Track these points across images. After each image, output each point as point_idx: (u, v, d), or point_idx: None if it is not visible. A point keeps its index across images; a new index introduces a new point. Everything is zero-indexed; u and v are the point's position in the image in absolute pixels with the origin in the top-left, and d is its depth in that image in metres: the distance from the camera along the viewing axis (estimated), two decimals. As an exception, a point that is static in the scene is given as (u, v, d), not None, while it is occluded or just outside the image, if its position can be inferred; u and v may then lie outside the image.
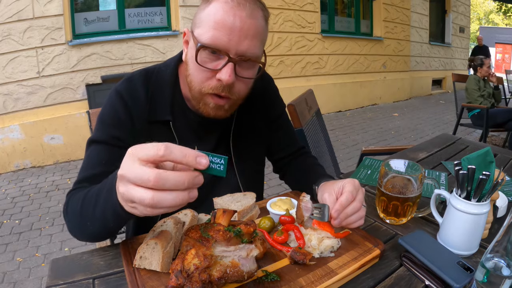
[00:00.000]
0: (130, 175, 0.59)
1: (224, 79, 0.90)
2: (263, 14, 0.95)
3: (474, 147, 1.80)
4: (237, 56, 0.90)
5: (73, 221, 0.92)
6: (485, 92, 4.90)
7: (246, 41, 0.89)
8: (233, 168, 1.17)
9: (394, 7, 8.91)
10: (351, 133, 6.17)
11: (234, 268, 0.66)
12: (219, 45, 0.88)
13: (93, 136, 1.03)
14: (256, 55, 0.94)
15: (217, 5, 0.89)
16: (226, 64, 0.90)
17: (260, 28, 0.92)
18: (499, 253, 0.66)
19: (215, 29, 0.88)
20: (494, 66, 17.28)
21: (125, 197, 0.63)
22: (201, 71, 0.93)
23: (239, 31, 0.88)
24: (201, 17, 0.92)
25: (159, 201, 0.58)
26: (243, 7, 0.88)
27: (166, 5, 5.60)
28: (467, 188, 0.87)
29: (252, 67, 0.97)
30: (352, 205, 0.86)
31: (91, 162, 1.00)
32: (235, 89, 0.95)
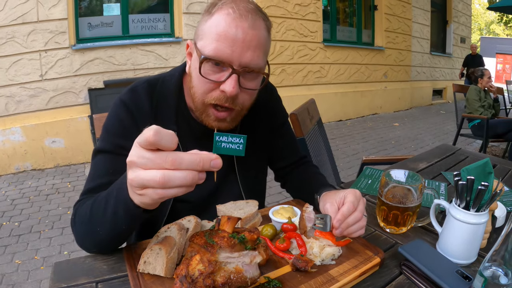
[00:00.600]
0: (143, 159, 0.60)
1: (228, 90, 0.90)
2: (265, 25, 0.94)
3: (474, 158, 1.82)
4: (241, 68, 0.90)
5: (82, 230, 0.92)
6: (486, 102, 4.92)
7: (249, 52, 0.90)
8: (236, 176, 1.17)
9: (396, 17, 8.97)
10: (351, 142, 6.18)
11: (237, 274, 0.67)
12: (222, 57, 0.89)
13: (99, 146, 1.03)
14: (260, 66, 0.94)
15: (219, 17, 0.89)
16: (230, 76, 0.90)
17: (262, 38, 0.93)
18: (497, 262, 0.67)
19: (218, 41, 0.88)
20: (493, 77, 17.29)
21: (134, 182, 0.63)
22: (204, 83, 0.93)
23: (242, 43, 0.88)
24: (203, 29, 0.92)
25: (169, 178, 0.59)
26: (245, 18, 0.88)
27: (169, 11, 5.64)
28: (466, 198, 0.88)
29: (255, 78, 0.97)
30: (353, 215, 0.88)
31: (98, 172, 1.00)
32: (239, 100, 0.96)
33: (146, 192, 0.63)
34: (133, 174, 0.63)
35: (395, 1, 8.89)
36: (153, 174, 0.60)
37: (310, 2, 7.06)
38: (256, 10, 0.92)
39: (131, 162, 0.62)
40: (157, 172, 0.59)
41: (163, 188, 0.60)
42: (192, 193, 1.10)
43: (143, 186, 0.62)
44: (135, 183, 0.63)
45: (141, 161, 0.61)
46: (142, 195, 0.64)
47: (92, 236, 0.89)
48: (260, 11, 0.94)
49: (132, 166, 0.63)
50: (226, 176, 1.17)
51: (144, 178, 0.61)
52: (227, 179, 1.17)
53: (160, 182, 0.59)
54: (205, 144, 1.11)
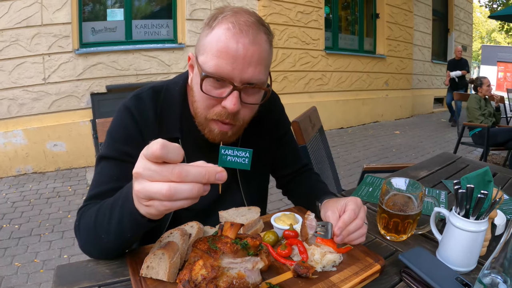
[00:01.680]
0: (149, 171, 0.61)
1: (229, 107, 0.90)
2: (267, 38, 0.93)
3: (474, 166, 1.82)
4: (242, 84, 0.90)
5: (86, 237, 0.92)
6: (486, 111, 4.93)
7: (250, 69, 0.89)
8: (238, 184, 1.18)
9: (397, 26, 9.02)
10: (352, 150, 6.19)
11: (240, 279, 0.68)
12: (223, 74, 0.88)
13: (103, 153, 1.03)
14: (261, 81, 0.93)
15: (219, 32, 0.88)
16: (231, 93, 0.90)
17: (264, 53, 0.92)
18: (496, 269, 0.68)
19: (218, 57, 0.87)
20: (494, 85, 17.28)
21: (141, 194, 0.64)
22: (206, 99, 0.93)
23: (243, 59, 0.87)
24: (204, 44, 0.91)
25: (176, 191, 0.60)
26: (246, 33, 0.87)
27: (172, 18, 5.68)
28: (465, 206, 0.89)
29: (257, 92, 0.97)
30: (354, 223, 0.89)
31: (102, 178, 1.00)
32: (239, 115, 0.96)
33: (153, 204, 0.64)
34: (140, 186, 0.63)
35: (397, 9, 8.94)
36: (159, 187, 0.60)
37: (312, 10, 7.10)
38: (257, 23, 0.91)
39: (137, 174, 0.63)
40: (164, 184, 0.60)
41: (169, 200, 0.61)
42: None
43: (150, 197, 0.63)
44: (141, 195, 0.64)
45: (147, 173, 0.61)
46: (148, 206, 0.65)
47: (96, 243, 0.90)
48: (261, 24, 0.93)
49: (138, 178, 0.64)
50: (228, 184, 1.16)
51: (151, 190, 0.61)
52: (230, 186, 1.17)
53: (167, 195, 0.60)
54: (208, 151, 1.10)
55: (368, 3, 8.63)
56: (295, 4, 6.79)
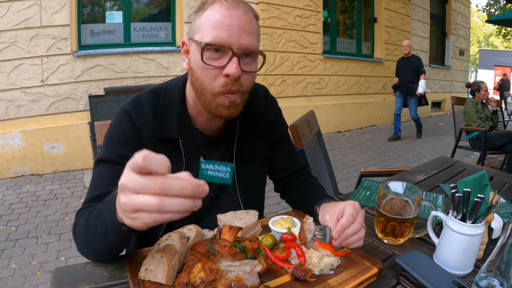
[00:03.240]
0: (134, 183, 0.60)
1: (231, 72, 0.93)
2: (254, 14, 1.01)
3: (471, 170, 1.83)
4: (240, 50, 0.94)
5: (80, 241, 0.93)
6: (483, 115, 4.95)
7: (245, 36, 0.95)
8: (235, 186, 1.18)
9: (395, 30, 9.06)
10: (350, 154, 6.20)
11: (238, 282, 0.68)
12: (222, 41, 0.93)
13: (101, 156, 1.03)
14: (256, 47, 0.99)
15: (213, 8, 0.95)
16: (231, 59, 0.94)
17: (254, 25, 0.99)
18: (492, 272, 0.69)
19: (215, 28, 0.93)
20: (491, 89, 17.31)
21: (127, 206, 0.62)
22: (208, 71, 0.96)
23: (238, 27, 0.93)
24: (199, 23, 0.97)
25: (165, 204, 0.59)
26: (237, 7, 0.95)
27: (171, 20, 5.69)
28: (462, 210, 0.90)
29: (253, 61, 1.01)
30: (352, 227, 0.89)
31: (100, 181, 1.01)
32: (242, 81, 0.98)
33: (139, 216, 0.62)
34: (126, 198, 0.62)
35: (395, 14, 8.98)
36: (148, 200, 0.60)
37: (310, 14, 7.13)
38: (246, 4, 0.99)
39: (123, 185, 0.62)
40: (152, 198, 0.59)
41: (158, 212, 0.60)
42: None
43: (137, 210, 0.62)
44: (127, 207, 0.63)
45: (131, 185, 0.60)
46: (134, 218, 0.64)
47: (88, 248, 0.92)
48: (249, 6, 1.00)
49: (123, 190, 0.63)
50: (225, 187, 1.17)
51: (139, 203, 0.61)
52: (226, 189, 1.18)
53: (156, 208, 0.59)
54: (207, 152, 1.13)
55: (366, 7, 8.67)
56: (293, 8, 6.82)
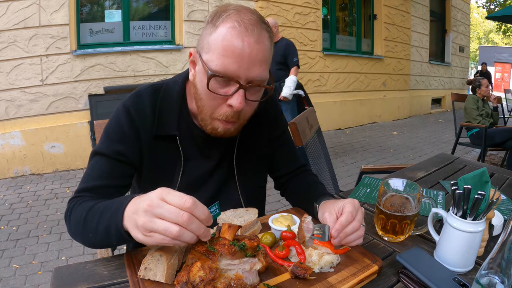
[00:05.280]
0: (162, 210, 0.69)
1: (235, 105, 0.92)
2: (269, 36, 0.95)
3: (471, 167, 1.83)
4: (247, 83, 0.92)
5: (76, 229, 0.95)
6: (484, 111, 4.95)
7: (255, 67, 0.91)
8: (236, 184, 1.18)
9: (395, 27, 9.04)
10: (350, 151, 6.20)
11: (238, 280, 0.68)
12: (229, 73, 0.90)
13: (97, 148, 1.05)
14: (265, 78, 0.96)
15: (224, 31, 0.89)
16: (237, 91, 0.92)
17: (267, 51, 0.94)
18: (493, 269, 0.68)
19: (225, 56, 0.89)
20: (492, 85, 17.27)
21: (146, 226, 0.70)
22: (212, 98, 0.95)
23: (248, 58, 0.89)
24: (209, 42, 0.92)
25: (183, 234, 0.68)
26: (251, 32, 0.89)
27: (170, 19, 5.68)
28: (463, 207, 0.89)
29: (260, 90, 0.99)
30: (351, 225, 0.88)
31: (93, 173, 1.03)
32: (243, 112, 0.98)
33: (153, 236, 0.70)
34: (147, 219, 0.70)
35: (395, 11, 8.96)
36: (171, 227, 0.68)
37: (310, 11, 7.12)
38: (260, 21, 0.93)
39: (149, 207, 0.70)
40: (174, 226, 0.68)
41: (173, 239, 0.69)
42: None
43: (155, 231, 0.69)
44: (147, 227, 0.70)
45: (159, 211, 0.69)
46: (147, 236, 0.71)
47: (84, 237, 0.94)
48: (263, 22, 0.95)
49: (148, 212, 0.70)
50: (225, 184, 1.18)
51: (160, 227, 0.68)
52: (227, 186, 1.19)
53: (175, 236, 0.68)
54: (205, 149, 1.14)
55: (365, 4, 8.66)
56: (293, 5, 6.81)
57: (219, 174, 1.17)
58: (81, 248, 2.89)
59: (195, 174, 1.13)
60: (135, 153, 1.05)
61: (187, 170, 1.11)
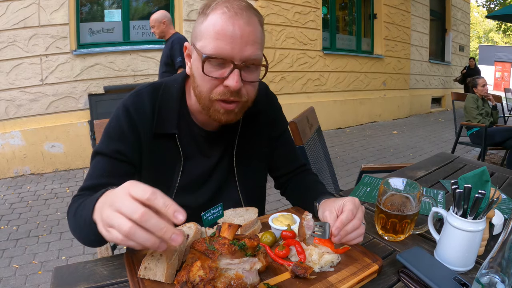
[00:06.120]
0: (120, 204, 0.65)
1: (231, 85, 0.94)
2: (259, 20, 0.98)
3: (472, 166, 1.83)
4: (242, 62, 0.94)
5: (72, 226, 0.98)
6: (483, 110, 4.94)
7: (248, 47, 0.93)
8: (236, 183, 1.19)
9: (395, 26, 9.04)
10: (350, 150, 6.19)
11: (238, 280, 0.68)
12: (223, 54, 0.92)
13: (97, 148, 1.06)
14: (259, 57, 0.98)
15: (215, 17, 0.93)
16: (232, 71, 0.94)
17: (258, 33, 0.96)
18: (493, 269, 0.68)
19: (217, 39, 0.92)
20: (492, 85, 17.23)
21: (105, 221, 0.68)
22: (208, 81, 0.96)
23: (240, 39, 0.92)
24: (201, 30, 0.95)
25: (134, 233, 0.63)
26: (240, 15, 0.92)
27: (170, 18, 5.67)
28: (463, 206, 0.89)
29: (256, 70, 1.00)
30: (351, 223, 0.88)
31: (95, 172, 1.04)
32: (243, 92, 0.98)
33: (112, 231, 0.67)
34: (109, 213, 0.67)
35: (395, 10, 8.96)
36: (122, 223, 0.64)
37: (310, 10, 7.12)
38: (249, 7, 0.96)
39: (112, 202, 0.67)
40: (127, 223, 0.63)
41: (125, 237, 0.64)
42: (191, 200, 1.12)
43: (111, 226, 0.66)
44: (106, 221, 0.68)
45: (119, 205, 0.65)
46: (107, 231, 0.68)
47: (76, 233, 0.97)
48: (252, 7, 0.98)
49: (112, 205, 0.67)
50: (225, 183, 1.19)
51: (115, 222, 0.65)
52: (227, 185, 1.19)
53: (125, 233, 0.63)
54: (205, 147, 1.14)
55: (365, 4, 8.66)
56: (293, 4, 6.81)
57: (219, 173, 1.17)
58: (81, 248, 2.89)
59: (195, 173, 1.13)
60: (134, 152, 1.06)
61: (186, 169, 1.12)
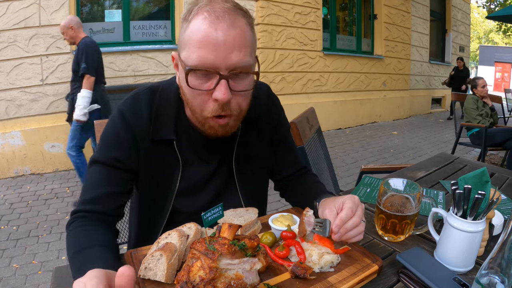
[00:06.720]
0: None
1: (219, 98, 0.87)
2: (246, 21, 0.89)
3: (472, 167, 1.83)
4: (228, 72, 0.86)
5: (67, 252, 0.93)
6: (483, 111, 4.95)
7: (234, 53, 0.85)
8: (236, 189, 1.15)
9: (395, 26, 9.04)
10: (350, 151, 6.20)
11: (238, 280, 0.68)
12: (207, 64, 0.85)
13: (95, 156, 1.02)
14: (248, 64, 0.89)
15: (196, 23, 0.85)
16: (219, 83, 0.87)
17: (245, 35, 0.88)
18: (493, 269, 0.68)
19: (199, 48, 0.84)
20: (492, 85, 17.22)
21: None
22: (196, 95, 0.91)
23: (224, 45, 0.84)
24: (184, 39, 0.89)
25: None
26: (222, 19, 0.84)
27: (170, 19, 5.68)
28: (463, 206, 0.89)
29: (246, 78, 0.92)
30: (351, 221, 0.88)
31: (92, 183, 1.00)
32: (234, 104, 0.92)
33: None
34: None
35: (395, 10, 8.97)
36: None
37: (310, 11, 7.12)
38: (234, 8, 0.87)
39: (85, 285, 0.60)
40: None
41: None
42: (190, 205, 1.09)
43: None
44: None
45: None
46: None
47: None
48: (238, 8, 0.89)
49: None
50: (225, 188, 1.15)
51: None
52: (227, 190, 1.16)
53: None
54: (203, 152, 1.10)
55: (365, 4, 8.66)
56: (293, 5, 6.81)
57: (218, 178, 1.14)
58: (81, 248, 2.88)
59: (194, 178, 1.10)
60: (132, 158, 1.02)
61: (185, 175, 1.08)
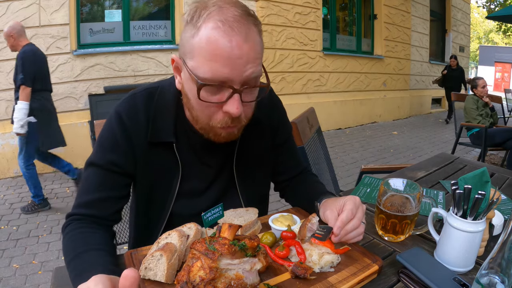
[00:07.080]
0: None
1: (233, 112, 0.85)
2: (257, 29, 0.86)
3: (472, 167, 1.83)
4: (242, 86, 0.85)
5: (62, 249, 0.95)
6: (483, 111, 4.95)
7: (248, 67, 0.83)
8: (237, 191, 1.14)
9: (395, 26, 9.04)
10: (350, 151, 6.20)
11: (238, 280, 0.68)
12: (221, 78, 0.82)
13: (91, 159, 1.01)
14: (260, 74, 0.88)
15: (207, 32, 0.80)
16: (232, 96, 0.85)
17: (258, 46, 0.86)
18: (493, 269, 0.68)
19: (213, 61, 0.80)
20: (492, 85, 17.22)
21: None
22: (205, 106, 0.88)
23: (239, 59, 0.81)
24: (192, 45, 0.83)
25: None
26: (237, 30, 0.80)
27: (170, 19, 5.68)
28: (463, 207, 0.89)
29: (255, 89, 0.91)
30: (351, 223, 0.89)
31: (88, 186, 0.99)
32: (241, 117, 0.91)
33: None
34: None
35: (395, 10, 8.97)
36: None
37: (310, 11, 7.12)
38: (245, 15, 0.83)
39: None
40: None
41: None
42: (191, 207, 1.08)
43: None
44: None
45: None
46: None
47: None
48: (249, 14, 0.85)
49: None
50: (226, 191, 1.14)
51: None
52: (228, 194, 1.14)
53: None
54: (203, 154, 1.08)
55: (365, 4, 8.66)
56: (293, 5, 6.81)
57: (219, 181, 1.12)
58: (81, 248, 2.88)
59: (194, 181, 1.08)
60: (129, 161, 1.00)
61: (185, 177, 1.06)
